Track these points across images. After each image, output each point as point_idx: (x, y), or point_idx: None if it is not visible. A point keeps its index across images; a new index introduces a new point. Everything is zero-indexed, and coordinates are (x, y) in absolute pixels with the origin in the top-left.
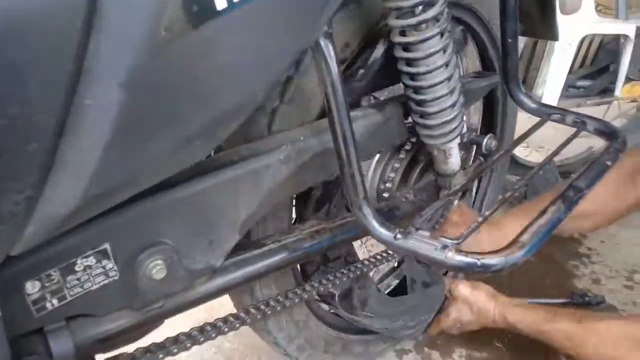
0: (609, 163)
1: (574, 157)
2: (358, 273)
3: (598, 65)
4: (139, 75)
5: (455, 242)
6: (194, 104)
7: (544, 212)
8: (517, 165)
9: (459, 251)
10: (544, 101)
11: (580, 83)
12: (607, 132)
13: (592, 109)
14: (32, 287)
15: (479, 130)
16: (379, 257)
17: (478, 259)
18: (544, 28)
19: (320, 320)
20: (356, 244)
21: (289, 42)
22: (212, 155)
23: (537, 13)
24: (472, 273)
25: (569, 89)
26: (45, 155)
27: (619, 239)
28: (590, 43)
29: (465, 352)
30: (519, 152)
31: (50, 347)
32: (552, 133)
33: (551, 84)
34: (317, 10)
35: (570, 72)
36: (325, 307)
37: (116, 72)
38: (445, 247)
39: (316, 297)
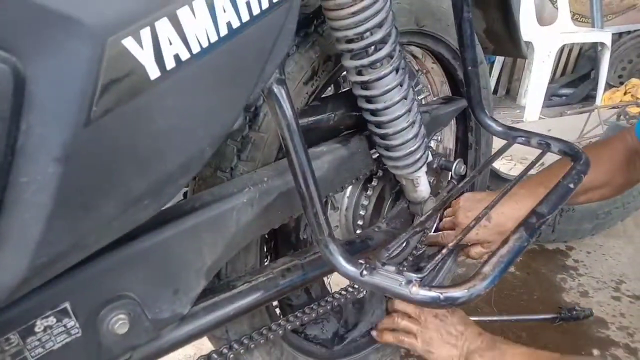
0: (571, 186)
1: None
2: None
3: (579, 72)
4: (73, 149)
5: (419, 276)
6: (135, 169)
7: (505, 241)
8: (499, 179)
9: (423, 286)
10: (527, 111)
11: (562, 91)
12: (570, 153)
13: (573, 117)
14: None
15: (453, 153)
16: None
17: (441, 293)
18: (510, 46)
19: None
20: None
21: (234, 97)
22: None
23: (503, 33)
24: (437, 307)
25: (552, 97)
26: None
27: (605, 249)
28: (570, 51)
29: None
30: (502, 165)
31: None
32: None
33: (533, 94)
34: (260, 62)
35: (552, 81)
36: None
37: (50, 148)
38: (409, 282)
39: None
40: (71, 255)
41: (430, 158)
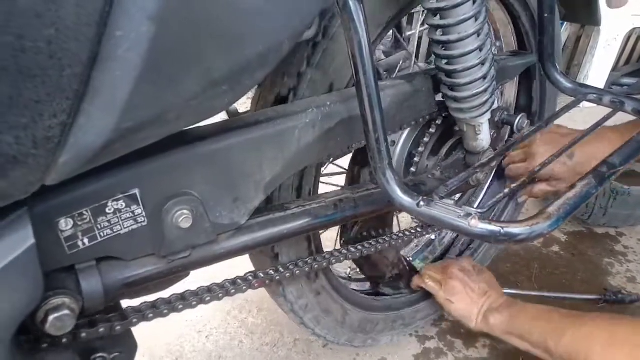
0: None
1: None
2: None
3: None
4: (167, 10)
5: (479, 210)
6: (218, 45)
7: (573, 185)
8: None
9: (483, 219)
10: None
11: (624, 80)
12: None
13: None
14: (65, 225)
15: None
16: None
17: (502, 227)
18: (585, 13)
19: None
20: None
21: None
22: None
23: None
24: (496, 242)
25: (612, 86)
26: (78, 82)
27: None
28: (638, 39)
29: (489, 342)
30: None
31: (81, 284)
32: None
33: (593, 80)
34: None
35: (614, 69)
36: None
37: (146, 5)
38: (468, 214)
39: None
40: (153, 128)
41: (496, 105)
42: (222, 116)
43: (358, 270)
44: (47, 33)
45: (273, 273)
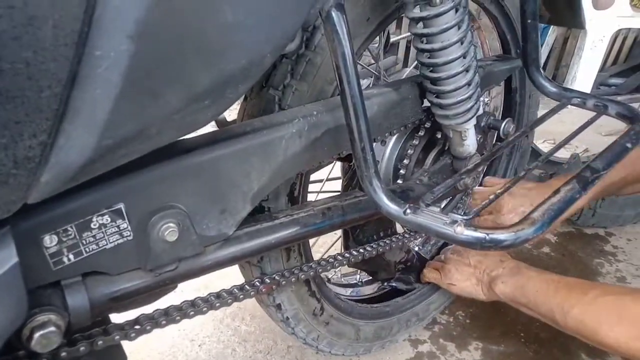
0: (629, 145)
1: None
2: None
3: (632, 62)
4: (146, 27)
5: (465, 217)
6: (200, 60)
7: (557, 190)
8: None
9: (469, 226)
10: None
11: (612, 81)
12: (629, 115)
13: None
14: (49, 241)
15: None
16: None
17: (487, 234)
18: (569, 16)
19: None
20: None
21: (296, 5)
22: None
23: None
24: (481, 248)
25: (600, 86)
26: (58, 102)
27: None
28: (625, 39)
29: (482, 344)
30: (544, 146)
31: (66, 300)
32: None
33: (581, 81)
34: None
35: (602, 69)
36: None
37: (125, 24)
38: (454, 222)
39: None
40: (134, 144)
41: (481, 111)
42: (210, 125)
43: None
44: (25, 55)
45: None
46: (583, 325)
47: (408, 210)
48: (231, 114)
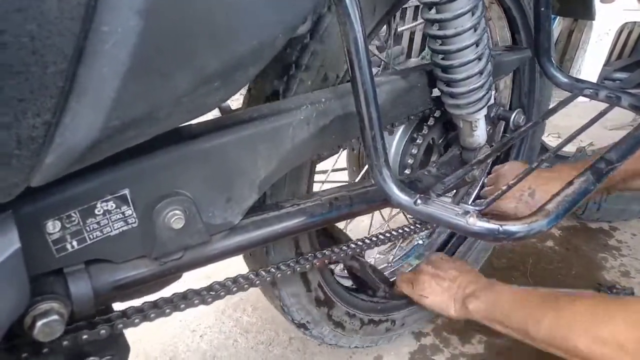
0: None
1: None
2: None
3: (637, 56)
4: (155, 3)
5: (477, 208)
6: (210, 40)
7: (571, 182)
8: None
9: (481, 217)
10: None
11: (617, 75)
12: None
13: None
14: (52, 227)
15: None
16: None
17: (500, 225)
18: (580, 7)
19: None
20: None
21: None
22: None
23: None
24: (494, 240)
25: (605, 80)
26: (64, 79)
27: None
28: (630, 33)
29: (485, 337)
30: (551, 141)
31: (69, 288)
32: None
33: (586, 74)
34: None
35: (607, 63)
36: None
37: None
38: (466, 212)
39: None
40: (142, 126)
41: (492, 100)
42: (214, 113)
43: None
44: (29, 28)
45: None
46: (555, 332)
47: (419, 201)
48: (237, 100)
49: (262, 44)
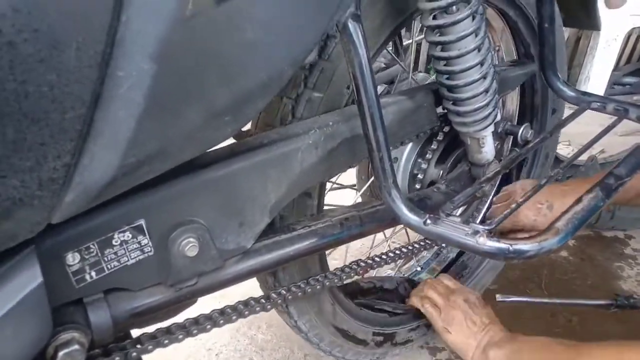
0: None
1: (618, 154)
2: None
3: None
4: (168, 47)
5: (487, 227)
6: (221, 78)
7: (580, 199)
8: (558, 162)
9: (491, 237)
10: None
11: (626, 80)
12: None
13: None
14: (72, 259)
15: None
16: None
17: (510, 245)
18: (584, 18)
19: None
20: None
21: (316, 20)
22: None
23: (577, 1)
24: (504, 259)
25: (614, 86)
26: (81, 123)
27: None
28: (638, 38)
29: None
30: (562, 149)
31: (89, 317)
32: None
33: (595, 80)
34: None
35: (615, 68)
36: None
37: (147, 44)
38: (476, 232)
39: None
40: (156, 162)
41: (498, 117)
42: None
43: None
44: (49, 78)
45: None
46: None
47: (428, 221)
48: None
49: (271, 78)
